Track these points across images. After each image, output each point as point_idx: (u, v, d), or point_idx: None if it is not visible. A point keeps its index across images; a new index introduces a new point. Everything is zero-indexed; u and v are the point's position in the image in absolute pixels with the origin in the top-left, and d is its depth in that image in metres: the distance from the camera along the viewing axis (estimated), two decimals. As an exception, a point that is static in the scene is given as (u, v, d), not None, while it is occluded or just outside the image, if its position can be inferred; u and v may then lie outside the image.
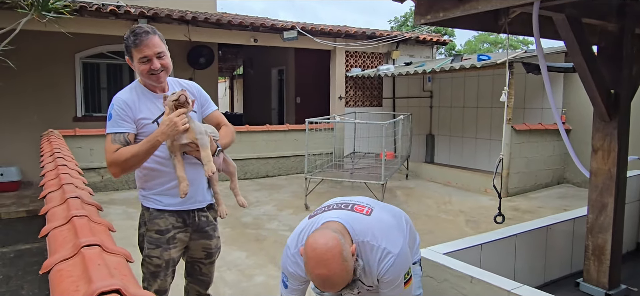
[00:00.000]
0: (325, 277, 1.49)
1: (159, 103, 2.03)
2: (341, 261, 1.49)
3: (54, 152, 3.76)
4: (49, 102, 8.56)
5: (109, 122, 1.97)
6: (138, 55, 1.96)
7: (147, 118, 2.00)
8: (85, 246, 1.27)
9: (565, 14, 2.23)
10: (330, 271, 1.48)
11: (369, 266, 1.67)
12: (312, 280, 1.59)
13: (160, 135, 1.88)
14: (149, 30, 1.98)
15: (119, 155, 1.91)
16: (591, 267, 2.73)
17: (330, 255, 1.48)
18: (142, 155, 1.91)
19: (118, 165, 1.92)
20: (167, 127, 1.87)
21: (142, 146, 1.91)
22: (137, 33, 1.96)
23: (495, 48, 27.03)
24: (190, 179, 2.06)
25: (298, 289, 1.80)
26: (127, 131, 1.96)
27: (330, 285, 1.53)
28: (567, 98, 7.58)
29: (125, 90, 2.05)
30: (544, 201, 6.73)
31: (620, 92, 2.56)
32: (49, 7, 4.61)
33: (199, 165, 2.07)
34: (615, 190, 2.60)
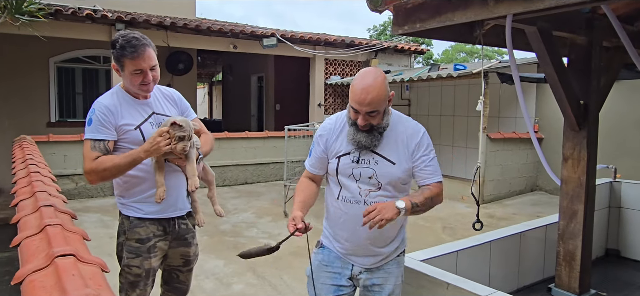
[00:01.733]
0: (367, 85, 1.77)
1: (141, 109, 2.02)
2: (382, 80, 1.81)
3: (26, 158, 3.66)
4: (21, 107, 8.35)
5: (88, 126, 1.92)
6: (132, 67, 1.92)
7: (129, 124, 1.97)
8: (59, 256, 1.25)
9: (537, 26, 2.31)
10: (371, 83, 1.78)
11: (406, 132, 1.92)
12: (353, 90, 1.81)
13: (144, 152, 1.89)
14: (145, 41, 1.94)
15: (99, 164, 1.88)
16: (562, 273, 2.81)
17: (375, 73, 1.82)
18: (123, 168, 1.90)
19: (97, 174, 1.89)
20: (150, 145, 1.88)
21: (124, 159, 1.89)
22: (134, 45, 1.90)
23: (471, 58, 27.58)
24: (171, 186, 2.05)
25: (322, 156, 1.99)
26: (107, 139, 1.93)
27: (367, 91, 1.77)
28: (539, 108, 7.79)
29: (106, 95, 2.01)
30: (518, 208, 6.89)
31: (589, 102, 2.65)
32: (22, 10, 4.51)
33: (180, 172, 2.07)
34: (585, 198, 2.69)
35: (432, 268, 2.18)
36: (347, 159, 1.91)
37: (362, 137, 1.85)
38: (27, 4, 4.51)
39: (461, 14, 1.94)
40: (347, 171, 1.91)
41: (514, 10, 1.82)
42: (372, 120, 1.82)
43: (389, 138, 1.90)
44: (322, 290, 1.99)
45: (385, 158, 1.89)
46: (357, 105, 1.80)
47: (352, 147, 1.90)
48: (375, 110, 1.79)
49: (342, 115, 1.99)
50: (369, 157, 1.89)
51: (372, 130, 1.85)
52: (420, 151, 1.92)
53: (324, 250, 2.05)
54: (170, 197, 2.07)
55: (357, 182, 1.90)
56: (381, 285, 1.95)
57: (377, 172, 1.88)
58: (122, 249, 2.04)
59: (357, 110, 1.81)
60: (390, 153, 1.89)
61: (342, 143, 1.93)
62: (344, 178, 1.92)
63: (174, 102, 2.19)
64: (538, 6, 1.70)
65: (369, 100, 1.77)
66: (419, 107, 9.94)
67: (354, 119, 1.86)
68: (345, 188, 1.93)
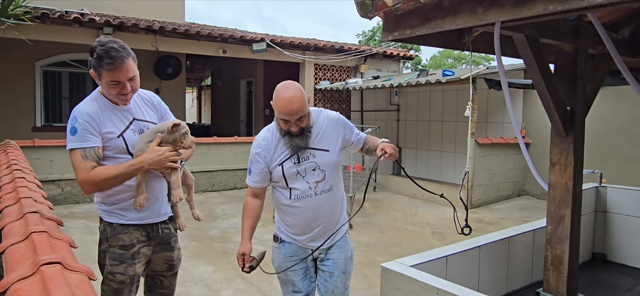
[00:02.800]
0: (290, 97, 2.07)
1: (122, 116, 1.99)
2: (299, 89, 2.12)
3: (10, 163, 3.60)
4: (6, 111, 8.23)
5: (73, 136, 1.86)
6: (109, 78, 1.87)
7: (111, 132, 1.94)
8: (45, 264, 1.22)
9: (524, 34, 2.33)
10: (293, 94, 2.08)
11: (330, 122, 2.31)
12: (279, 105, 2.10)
13: (148, 162, 1.87)
14: (124, 52, 1.88)
15: (97, 174, 1.83)
16: (550, 277, 2.83)
17: (293, 85, 2.15)
18: (123, 177, 1.87)
19: (95, 184, 1.85)
20: (157, 156, 1.88)
21: (126, 169, 1.86)
22: (112, 56, 1.83)
23: (459, 63, 27.84)
24: (153, 192, 2.04)
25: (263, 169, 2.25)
26: (96, 145, 1.89)
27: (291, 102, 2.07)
28: (526, 114, 7.88)
29: (86, 102, 1.95)
30: (506, 213, 6.95)
31: (576, 108, 2.69)
32: (8, 13, 4.44)
33: (161, 177, 2.07)
34: (572, 203, 2.72)
35: (422, 274, 2.18)
36: (289, 163, 2.21)
37: (298, 141, 2.17)
38: (13, 7, 4.45)
39: (450, 20, 1.96)
40: (292, 172, 2.21)
41: (503, 18, 1.84)
42: (301, 124, 2.14)
43: (317, 133, 2.25)
44: (294, 276, 2.31)
45: (320, 149, 2.25)
46: (287, 116, 2.09)
47: (288, 153, 2.21)
48: (302, 115, 2.11)
49: (271, 128, 2.29)
50: (306, 153, 2.22)
51: (304, 132, 2.17)
52: (349, 133, 2.42)
53: (284, 245, 2.33)
54: (154, 203, 2.06)
55: (304, 178, 2.22)
56: (336, 259, 2.34)
57: (318, 162, 2.23)
58: (105, 256, 2.00)
59: (287, 120, 2.11)
60: (322, 144, 2.25)
61: (280, 151, 2.22)
62: (292, 179, 2.22)
63: (153, 106, 2.17)
64: (526, 14, 1.72)
65: (295, 109, 2.07)
66: (408, 112, 9.99)
67: (286, 129, 2.16)
68: (295, 188, 2.23)
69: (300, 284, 2.32)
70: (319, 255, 2.35)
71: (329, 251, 2.34)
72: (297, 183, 2.22)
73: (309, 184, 2.22)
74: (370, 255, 5.02)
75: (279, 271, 2.34)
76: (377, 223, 6.45)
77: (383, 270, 2.30)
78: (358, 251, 5.12)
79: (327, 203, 2.27)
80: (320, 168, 2.24)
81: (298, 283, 2.31)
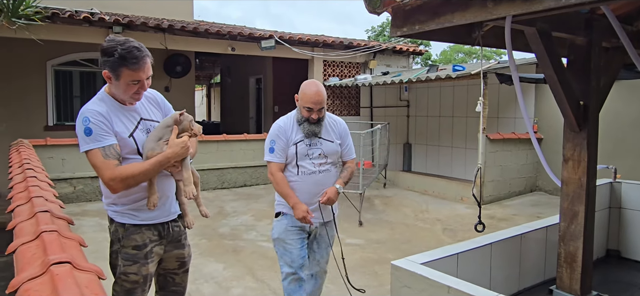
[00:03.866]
0: (316, 88, 2.71)
1: (130, 116, 1.99)
2: (323, 87, 2.76)
3: (23, 162, 3.64)
4: (18, 110, 8.33)
5: (89, 136, 1.84)
6: (130, 77, 1.87)
7: (122, 131, 1.93)
8: (54, 264, 1.23)
9: (536, 27, 2.29)
10: (318, 88, 2.72)
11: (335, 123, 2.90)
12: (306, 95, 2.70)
13: (173, 155, 1.91)
14: (146, 52, 1.91)
15: (125, 172, 1.84)
16: (564, 274, 2.79)
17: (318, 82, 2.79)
18: (151, 173, 1.89)
19: (123, 181, 1.84)
20: (181, 148, 1.92)
21: (152, 165, 1.88)
22: (136, 56, 1.85)
23: (469, 58, 27.60)
24: (164, 191, 2.05)
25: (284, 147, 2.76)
26: (115, 142, 1.87)
27: (316, 93, 2.69)
28: (538, 108, 7.78)
29: (95, 102, 1.94)
30: (518, 209, 6.88)
31: (589, 103, 2.64)
32: (19, 14, 4.48)
33: (170, 176, 2.07)
34: (585, 199, 2.67)
35: (432, 272, 2.16)
36: (302, 145, 2.77)
37: (314, 128, 2.76)
38: (23, 8, 4.49)
39: (460, 15, 1.93)
40: (303, 152, 2.77)
41: (513, 12, 1.81)
42: (320, 114, 2.74)
43: (325, 127, 2.84)
44: (292, 244, 2.77)
45: (327, 139, 2.83)
46: (312, 104, 2.68)
47: (303, 135, 2.77)
48: (322, 106, 2.72)
49: (289, 116, 2.86)
50: (315, 140, 2.79)
51: (319, 122, 2.77)
52: (345, 137, 2.93)
53: (286, 217, 2.79)
54: (165, 202, 2.07)
55: (311, 159, 2.78)
56: (325, 236, 2.88)
57: (324, 149, 2.81)
58: (117, 257, 2.00)
59: (311, 109, 2.69)
60: (328, 136, 2.85)
61: (296, 134, 2.78)
62: (302, 158, 2.77)
63: (157, 104, 2.18)
64: (537, 7, 1.69)
65: (320, 100, 2.70)
66: (418, 108, 9.93)
67: (307, 116, 2.73)
68: (302, 166, 2.77)
69: (296, 254, 2.75)
70: (315, 228, 2.84)
71: (320, 230, 2.86)
72: (305, 162, 2.77)
73: (314, 164, 2.78)
74: (381, 252, 5.00)
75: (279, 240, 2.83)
76: (387, 220, 6.43)
77: (393, 268, 2.29)
78: (368, 249, 5.10)
79: (326, 182, 2.80)
80: (324, 154, 2.82)
81: (295, 254, 2.75)
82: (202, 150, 8.02)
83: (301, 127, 2.76)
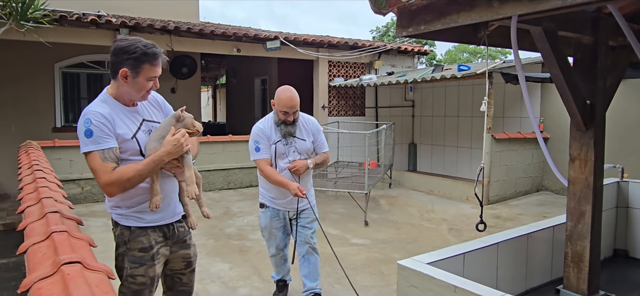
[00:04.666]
0: (290, 94, 3.12)
1: (132, 117, 1.99)
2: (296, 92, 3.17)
3: (32, 164, 3.68)
4: (27, 112, 8.40)
5: (89, 139, 1.84)
6: (150, 73, 1.93)
7: (125, 133, 1.93)
8: (65, 264, 1.25)
9: (542, 27, 2.29)
10: (292, 93, 3.13)
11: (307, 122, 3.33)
12: (281, 101, 3.12)
13: (167, 154, 1.89)
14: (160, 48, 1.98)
15: (120, 174, 1.83)
16: (571, 274, 2.78)
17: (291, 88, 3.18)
18: (146, 174, 1.88)
19: (119, 185, 1.83)
20: (173, 147, 1.90)
21: (147, 165, 1.87)
22: (155, 52, 1.93)
23: (474, 58, 27.50)
24: (167, 192, 2.06)
25: (268, 146, 3.20)
26: (114, 146, 1.87)
27: (290, 98, 3.11)
28: (544, 108, 7.75)
29: (97, 103, 1.94)
30: (524, 208, 6.85)
31: (596, 102, 2.63)
32: (27, 17, 4.53)
33: (173, 177, 2.08)
34: (592, 198, 2.66)
35: (438, 271, 2.16)
36: (280, 144, 3.22)
37: (290, 128, 3.19)
38: (32, 11, 4.53)
39: (466, 15, 1.93)
40: (281, 151, 3.22)
41: (519, 11, 1.81)
42: (295, 116, 3.18)
43: (299, 127, 3.26)
44: (276, 232, 3.35)
45: (300, 138, 3.26)
46: (287, 108, 3.11)
47: (281, 136, 3.21)
48: (296, 109, 3.16)
49: (266, 119, 3.29)
50: (291, 139, 3.23)
51: (294, 122, 3.20)
52: (317, 134, 3.37)
53: (269, 209, 3.32)
54: (169, 204, 2.08)
55: (288, 157, 3.23)
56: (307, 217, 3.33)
57: (297, 147, 3.25)
58: (123, 259, 2.00)
59: (286, 112, 3.13)
60: (301, 135, 3.27)
61: (275, 134, 3.22)
62: (280, 156, 3.22)
63: (159, 106, 2.19)
64: (543, 7, 1.69)
65: (294, 103, 3.13)
66: (423, 108, 9.92)
67: (283, 119, 3.16)
68: (278, 163, 3.23)
69: (279, 238, 3.37)
70: (293, 216, 3.35)
71: (302, 213, 3.32)
72: (282, 160, 3.23)
73: (290, 161, 3.23)
74: (386, 252, 5.00)
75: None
76: (393, 219, 6.43)
77: (399, 268, 2.29)
78: (374, 248, 5.10)
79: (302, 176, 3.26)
80: (298, 151, 3.26)
81: (279, 238, 3.37)
82: (208, 150, 8.05)
83: (278, 128, 3.21)
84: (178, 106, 2.30)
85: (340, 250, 4.86)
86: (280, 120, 3.16)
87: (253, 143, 3.22)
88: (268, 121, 3.26)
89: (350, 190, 6.43)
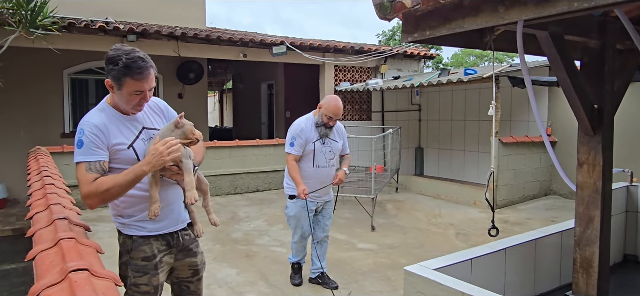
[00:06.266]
0: (338, 104, 3.74)
1: (131, 126, 1.96)
2: (341, 102, 3.79)
3: (41, 170, 3.71)
4: (36, 118, 8.48)
5: (79, 149, 1.82)
6: (134, 87, 1.85)
7: (121, 143, 1.90)
8: (73, 271, 1.25)
9: (548, 31, 2.28)
10: (338, 102, 3.75)
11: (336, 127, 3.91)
12: (330, 107, 3.72)
13: (146, 165, 1.81)
14: (149, 63, 1.87)
15: (98, 186, 1.78)
16: (580, 280, 2.75)
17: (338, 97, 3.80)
18: (124, 186, 1.80)
19: (97, 196, 1.79)
20: (153, 156, 1.80)
21: (125, 176, 1.80)
22: (140, 66, 1.82)
23: (481, 61, 27.39)
24: (170, 201, 2.02)
25: (302, 145, 3.74)
26: (102, 159, 1.83)
27: (338, 107, 3.73)
28: (551, 111, 7.70)
29: (93, 113, 1.91)
30: (532, 213, 6.80)
31: (604, 106, 2.61)
32: (37, 24, 4.60)
33: (176, 184, 2.03)
34: (601, 203, 2.63)
35: (446, 277, 2.15)
36: (318, 143, 3.80)
37: (328, 131, 3.81)
38: (41, 18, 4.59)
39: (471, 20, 1.92)
40: (319, 149, 3.79)
41: (525, 16, 1.80)
42: (335, 122, 3.81)
43: (334, 131, 3.88)
44: (304, 221, 3.86)
45: (334, 139, 3.89)
46: (333, 114, 3.74)
47: (319, 136, 3.79)
48: (339, 117, 3.80)
49: (307, 118, 3.86)
50: (327, 140, 3.83)
51: (332, 127, 3.82)
52: (344, 138, 4.01)
53: (299, 200, 3.77)
54: (171, 212, 2.04)
55: (324, 155, 3.82)
56: (328, 209, 4.03)
57: (333, 147, 3.87)
58: (127, 268, 1.99)
59: (331, 117, 3.74)
60: (335, 137, 3.90)
61: (314, 135, 3.78)
62: (317, 154, 3.79)
63: (161, 112, 2.14)
64: (550, 11, 1.68)
65: (339, 113, 3.76)
66: (430, 112, 9.89)
67: (325, 122, 3.76)
68: (317, 159, 3.79)
69: (306, 227, 3.88)
70: (319, 206, 3.94)
71: (324, 205, 3.99)
72: (319, 157, 3.79)
73: (326, 159, 3.83)
74: (393, 256, 4.99)
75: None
76: (399, 224, 6.40)
77: (406, 274, 2.28)
78: (381, 253, 5.08)
79: (331, 173, 3.88)
80: (332, 151, 3.87)
81: (305, 226, 3.88)
82: (214, 155, 8.08)
83: (318, 129, 3.78)
84: (185, 111, 2.29)
85: (346, 255, 4.85)
86: (322, 122, 3.75)
87: (290, 138, 3.76)
88: (309, 120, 3.82)
89: (357, 195, 6.41)
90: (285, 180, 3.95)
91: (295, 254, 4.10)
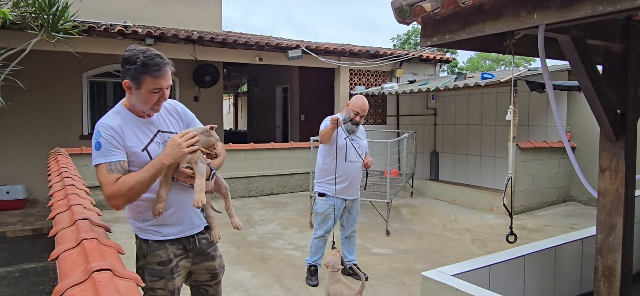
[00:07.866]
0: (363, 100, 4.05)
1: (146, 129, 1.95)
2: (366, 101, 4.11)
3: (61, 171, 3.78)
4: (56, 120, 8.64)
5: (98, 151, 1.82)
6: (152, 85, 1.85)
7: (136, 146, 1.89)
8: (96, 271, 1.27)
9: (570, 35, 2.24)
10: (364, 99, 4.07)
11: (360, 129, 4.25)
12: (358, 104, 4.04)
13: (165, 157, 1.81)
14: (167, 61, 1.88)
15: (122, 185, 1.78)
16: (601, 288, 2.70)
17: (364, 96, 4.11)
18: (147, 181, 1.80)
19: (122, 196, 1.78)
20: (171, 148, 1.81)
21: (146, 172, 1.79)
22: (158, 63, 1.83)
23: (497, 65, 27.12)
24: (185, 204, 2.01)
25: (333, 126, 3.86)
26: (121, 159, 1.83)
27: (364, 104, 4.05)
28: (571, 116, 7.57)
29: (109, 115, 1.92)
30: (550, 219, 6.69)
31: (627, 112, 2.56)
32: (58, 28, 4.69)
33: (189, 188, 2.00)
34: (624, 210, 2.58)
35: (464, 284, 2.13)
36: (348, 140, 4.06)
37: (355, 127, 4.12)
38: (62, 22, 4.68)
39: (492, 24, 1.90)
40: (350, 145, 4.07)
41: (548, 20, 1.77)
42: (360, 119, 4.10)
43: (359, 130, 4.22)
44: (330, 219, 4.06)
45: (359, 138, 4.20)
46: (358, 109, 4.04)
47: (347, 133, 4.07)
48: (364, 114, 4.09)
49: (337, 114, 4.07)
50: (354, 137, 4.15)
51: (358, 124, 4.12)
52: (365, 139, 4.33)
53: (329, 198, 4.07)
54: (187, 216, 2.03)
55: (355, 150, 4.07)
56: (356, 206, 4.31)
57: (360, 144, 4.17)
58: (143, 272, 1.99)
59: (357, 113, 4.04)
60: (360, 135, 4.24)
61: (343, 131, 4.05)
62: (350, 149, 4.06)
63: (178, 115, 2.12)
64: (573, 15, 1.65)
65: (364, 108, 4.06)
66: (445, 116, 9.81)
67: (352, 117, 4.05)
68: (349, 155, 4.06)
69: (331, 225, 4.07)
70: (348, 203, 4.18)
71: (353, 201, 4.25)
72: (350, 153, 4.07)
73: (356, 154, 4.08)
74: (409, 262, 4.95)
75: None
76: (415, 229, 6.36)
77: (423, 279, 2.26)
78: (396, 258, 5.05)
79: (360, 168, 4.16)
80: (360, 147, 4.14)
81: (330, 224, 4.08)
82: (229, 158, 8.13)
83: (345, 125, 4.05)
84: (200, 114, 2.27)
85: (362, 260, 4.83)
86: (350, 117, 4.05)
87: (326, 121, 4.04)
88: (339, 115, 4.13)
89: (372, 199, 6.38)
90: (315, 179, 4.21)
91: (314, 253, 4.19)
